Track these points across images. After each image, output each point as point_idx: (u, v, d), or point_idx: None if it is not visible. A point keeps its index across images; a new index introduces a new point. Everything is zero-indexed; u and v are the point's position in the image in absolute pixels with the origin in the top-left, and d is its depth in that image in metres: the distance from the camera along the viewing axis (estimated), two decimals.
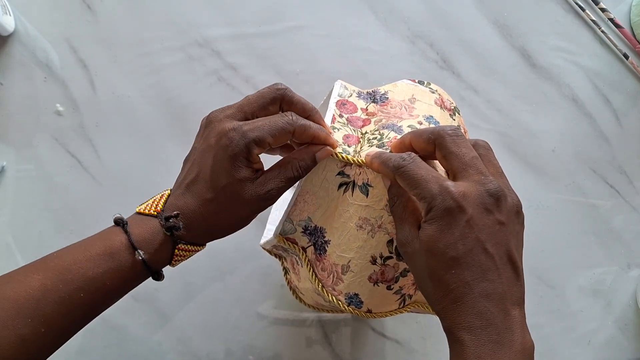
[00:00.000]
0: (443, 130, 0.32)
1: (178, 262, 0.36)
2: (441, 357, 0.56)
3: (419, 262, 0.31)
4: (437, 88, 0.43)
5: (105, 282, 0.32)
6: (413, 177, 0.31)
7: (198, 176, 0.35)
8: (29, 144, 0.54)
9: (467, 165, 0.31)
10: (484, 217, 0.30)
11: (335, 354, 0.55)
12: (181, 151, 0.55)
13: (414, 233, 0.32)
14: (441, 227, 0.30)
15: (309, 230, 0.39)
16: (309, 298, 0.45)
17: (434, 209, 0.30)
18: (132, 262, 0.33)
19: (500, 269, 0.30)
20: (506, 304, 0.29)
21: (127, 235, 0.34)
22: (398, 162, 0.32)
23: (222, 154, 0.34)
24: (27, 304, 0.31)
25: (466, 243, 0.29)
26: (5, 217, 0.53)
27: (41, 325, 0.31)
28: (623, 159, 0.61)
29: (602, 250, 0.60)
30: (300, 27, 0.58)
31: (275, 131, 0.34)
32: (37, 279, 0.32)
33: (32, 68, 0.54)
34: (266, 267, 0.55)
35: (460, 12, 0.60)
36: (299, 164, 0.35)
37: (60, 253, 0.34)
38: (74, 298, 0.32)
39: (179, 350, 0.53)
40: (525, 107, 0.60)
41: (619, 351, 0.59)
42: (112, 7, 0.55)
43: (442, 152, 0.32)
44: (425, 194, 0.30)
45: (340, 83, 0.43)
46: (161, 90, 0.56)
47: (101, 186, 0.54)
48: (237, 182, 0.34)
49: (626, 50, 0.61)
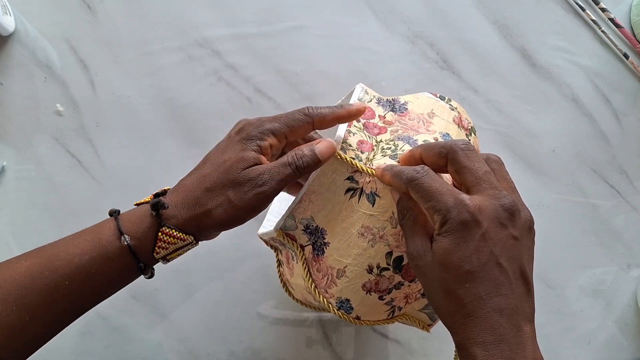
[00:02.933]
0: (455, 144, 0.32)
1: (163, 250, 0.34)
2: (441, 357, 0.56)
3: (431, 276, 0.31)
4: (457, 105, 0.43)
5: (91, 270, 0.32)
6: (427, 190, 0.31)
7: (206, 159, 0.36)
8: (29, 144, 0.54)
9: (481, 179, 0.31)
10: (498, 231, 0.30)
11: (335, 354, 0.55)
12: (181, 151, 0.56)
13: (426, 246, 0.31)
14: (456, 240, 0.30)
15: (309, 229, 0.39)
16: (298, 293, 0.45)
17: (449, 221, 0.30)
18: (119, 249, 0.33)
19: (513, 284, 0.30)
20: (518, 320, 0.29)
21: (116, 221, 0.33)
22: (412, 174, 0.32)
23: (235, 137, 0.35)
24: (12, 290, 0.31)
25: (481, 257, 0.29)
26: (5, 217, 0.53)
27: (26, 313, 0.31)
28: (623, 159, 0.61)
29: (602, 250, 0.60)
30: (300, 27, 0.58)
31: (291, 122, 0.35)
32: (24, 265, 0.32)
33: (32, 68, 0.54)
34: (266, 267, 0.55)
35: (460, 12, 0.60)
36: (296, 152, 0.35)
37: (54, 242, 0.34)
38: (59, 286, 0.31)
39: (179, 350, 0.53)
40: (525, 107, 0.60)
41: (619, 351, 0.59)
42: (112, 7, 0.55)
43: (454, 166, 0.32)
44: (440, 206, 0.30)
45: (362, 87, 0.42)
46: (161, 90, 0.56)
47: (101, 186, 0.54)
48: (235, 159, 0.34)
49: (626, 50, 0.61)
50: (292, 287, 0.45)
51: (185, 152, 0.56)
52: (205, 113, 0.56)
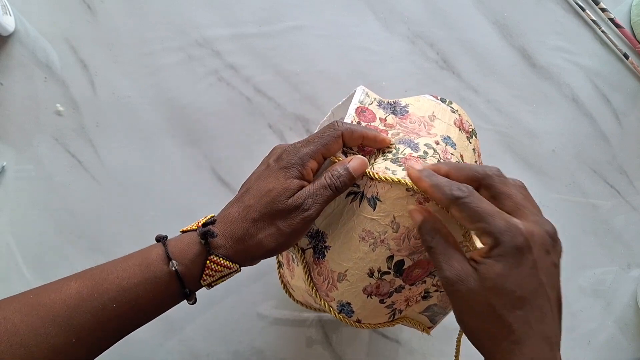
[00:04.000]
0: (490, 170, 0.33)
1: (210, 278, 0.34)
2: (441, 357, 0.56)
3: (475, 300, 0.30)
4: (458, 108, 0.43)
5: (139, 293, 0.32)
6: (476, 211, 0.30)
7: (248, 189, 0.36)
8: (29, 144, 0.54)
9: (521, 205, 0.31)
10: (545, 258, 0.30)
11: (335, 354, 0.55)
12: (181, 151, 0.56)
13: (467, 269, 0.31)
14: (509, 265, 0.29)
15: (310, 232, 0.39)
16: (299, 295, 0.45)
17: (502, 245, 0.29)
18: (166, 274, 0.33)
19: (554, 312, 0.30)
20: (554, 347, 0.30)
21: (164, 247, 0.34)
22: (457, 192, 0.31)
23: (275, 166, 0.35)
24: (62, 312, 0.31)
25: (532, 283, 0.29)
26: (5, 217, 0.53)
27: (72, 335, 0.31)
28: (623, 158, 0.61)
29: (602, 250, 0.60)
30: (300, 27, 0.58)
31: (324, 140, 0.35)
32: (74, 287, 0.32)
33: (32, 68, 0.54)
34: (266, 267, 0.55)
35: (460, 12, 0.60)
36: (332, 172, 0.35)
37: (102, 265, 0.34)
38: (107, 309, 0.31)
39: (179, 350, 0.53)
40: (525, 107, 0.60)
41: (619, 351, 0.59)
42: (113, 7, 0.55)
43: (491, 191, 0.32)
44: (491, 228, 0.30)
45: (362, 89, 0.42)
46: (161, 90, 0.56)
47: (101, 186, 0.54)
48: (281, 189, 0.34)
49: (626, 50, 0.61)
50: (293, 288, 0.45)
51: (185, 152, 0.56)
52: (205, 113, 0.56)
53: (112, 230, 0.54)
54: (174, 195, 0.55)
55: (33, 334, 0.30)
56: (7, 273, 0.53)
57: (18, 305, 0.31)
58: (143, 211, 0.54)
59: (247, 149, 0.56)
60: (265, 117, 0.57)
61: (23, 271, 0.53)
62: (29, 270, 0.53)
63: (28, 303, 0.31)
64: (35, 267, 0.53)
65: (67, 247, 0.53)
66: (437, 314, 0.42)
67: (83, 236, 0.54)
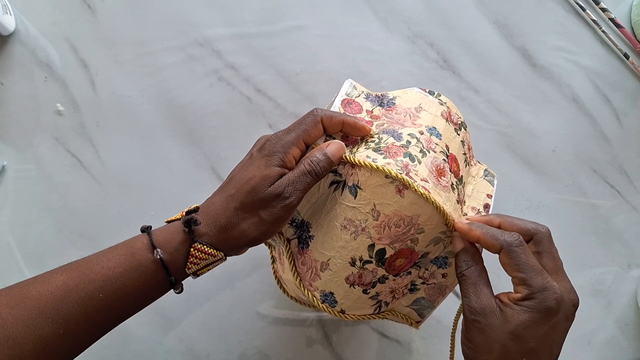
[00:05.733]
0: (543, 228, 0.36)
1: (195, 266, 0.35)
2: (441, 357, 0.56)
3: (492, 336, 0.33)
4: (446, 100, 0.43)
5: (125, 282, 0.33)
6: (524, 262, 0.33)
7: (231, 179, 0.36)
8: (29, 143, 0.54)
9: (560, 269, 0.35)
10: (563, 323, 0.34)
11: (335, 353, 0.55)
12: (181, 151, 0.56)
13: (493, 306, 0.33)
14: (535, 319, 0.32)
15: (295, 222, 0.39)
16: (291, 290, 0.45)
17: (535, 300, 0.32)
18: (151, 263, 0.33)
19: None
20: None
21: (149, 236, 0.34)
22: (510, 239, 0.34)
23: (258, 155, 0.36)
24: (49, 303, 0.31)
25: (546, 340, 0.33)
26: (5, 217, 0.53)
27: (60, 326, 0.31)
28: (623, 158, 0.61)
29: (602, 250, 0.60)
30: (300, 27, 0.58)
31: (305, 126, 0.36)
32: (60, 278, 0.32)
33: (33, 68, 0.54)
34: (266, 267, 0.55)
35: (460, 12, 0.60)
36: (311, 159, 0.36)
37: (88, 256, 0.34)
38: (94, 299, 0.32)
39: (179, 350, 0.53)
40: (525, 107, 0.60)
41: (619, 351, 0.59)
42: (113, 7, 0.55)
43: (538, 247, 0.35)
44: (531, 282, 0.33)
45: (350, 82, 0.42)
46: (161, 90, 0.56)
47: (101, 186, 0.54)
48: (260, 178, 0.35)
49: (626, 50, 0.61)
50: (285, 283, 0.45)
51: (186, 152, 0.56)
52: (205, 113, 0.56)
53: (112, 230, 0.54)
54: (174, 195, 0.55)
55: (21, 326, 0.30)
56: (7, 272, 0.53)
57: (5, 298, 0.31)
58: (143, 211, 0.54)
59: (247, 148, 0.55)
60: (265, 117, 0.57)
61: (23, 270, 0.53)
62: (29, 270, 0.53)
63: (15, 296, 0.31)
64: (35, 267, 0.53)
65: (67, 247, 0.53)
66: (425, 308, 0.43)
67: (83, 236, 0.54)
